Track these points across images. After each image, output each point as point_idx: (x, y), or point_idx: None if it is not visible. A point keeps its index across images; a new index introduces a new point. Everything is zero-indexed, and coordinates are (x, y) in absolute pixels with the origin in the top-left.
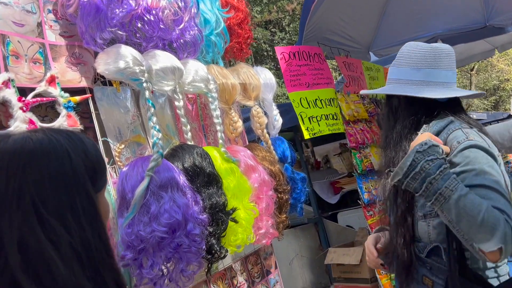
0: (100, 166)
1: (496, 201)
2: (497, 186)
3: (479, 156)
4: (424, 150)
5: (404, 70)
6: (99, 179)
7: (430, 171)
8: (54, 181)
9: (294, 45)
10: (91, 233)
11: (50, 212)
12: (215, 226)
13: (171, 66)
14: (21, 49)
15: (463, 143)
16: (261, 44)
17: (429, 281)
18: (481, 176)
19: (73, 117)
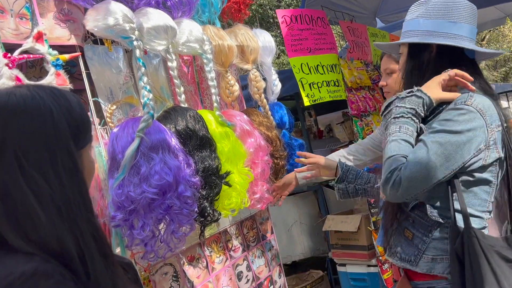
0: (83, 123)
1: (413, 157)
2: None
3: (459, 121)
4: (402, 97)
5: (438, 22)
6: (83, 136)
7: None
8: (36, 136)
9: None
10: (71, 188)
11: (32, 165)
12: (208, 189)
13: (163, 25)
14: (6, 3)
15: (459, 105)
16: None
17: (410, 233)
18: (436, 134)
19: (62, 76)
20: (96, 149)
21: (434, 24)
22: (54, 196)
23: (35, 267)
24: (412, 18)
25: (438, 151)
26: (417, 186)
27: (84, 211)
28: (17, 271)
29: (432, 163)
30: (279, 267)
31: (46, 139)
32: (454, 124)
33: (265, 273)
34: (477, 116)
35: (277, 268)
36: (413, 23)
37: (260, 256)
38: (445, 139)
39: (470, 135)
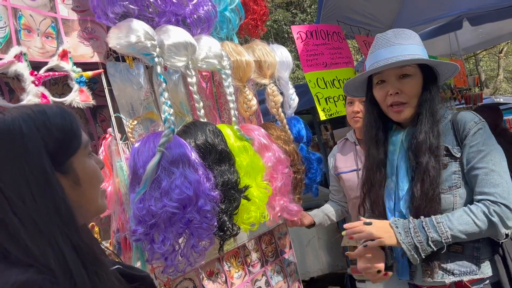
0: (65, 133)
1: (491, 186)
2: (498, 167)
3: (490, 137)
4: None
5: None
6: (66, 146)
7: (421, 238)
8: (6, 157)
9: (312, 24)
10: (44, 203)
11: (7, 185)
12: (227, 203)
13: (183, 42)
14: (33, 23)
15: (479, 123)
16: (282, 25)
17: (458, 247)
18: (488, 158)
19: (85, 92)
20: (117, 164)
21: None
22: (29, 212)
23: (27, 278)
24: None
25: (504, 168)
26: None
27: (62, 226)
28: (11, 281)
29: (508, 178)
30: (298, 283)
31: (16, 159)
32: (488, 140)
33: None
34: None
35: (296, 284)
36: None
37: (279, 271)
38: (497, 156)
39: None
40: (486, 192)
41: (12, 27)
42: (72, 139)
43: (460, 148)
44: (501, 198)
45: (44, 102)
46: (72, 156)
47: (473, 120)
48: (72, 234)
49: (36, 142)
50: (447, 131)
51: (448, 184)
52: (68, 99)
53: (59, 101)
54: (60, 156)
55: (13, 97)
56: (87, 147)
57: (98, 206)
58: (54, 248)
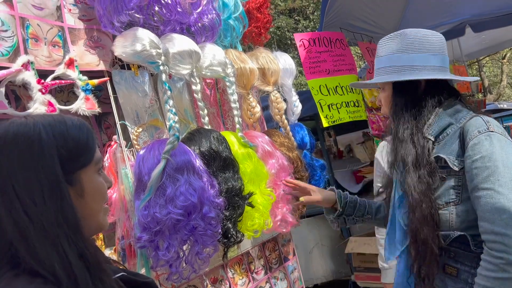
0: (79, 145)
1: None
2: (504, 189)
3: (498, 150)
4: None
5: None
6: (77, 158)
7: None
8: (22, 160)
9: (315, 32)
10: (54, 209)
11: (21, 186)
12: (231, 210)
13: (188, 50)
14: (41, 32)
15: (484, 133)
16: (284, 32)
17: (453, 269)
18: (493, 177)
19: (91, 100)
20: (122, 171)
21: (413, 58)
22: (39, 214)
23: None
24: (387, 53)
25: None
26: None
27: (68, 231)
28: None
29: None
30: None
31: (32, 161)
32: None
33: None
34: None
35: None
36: (389, 58)
37: (282, 278)
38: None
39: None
40: (488, 219)
41: (20, 37)
42: (85, 153)
43: (463, 162)
44: (505, 228)
45: (51, 110)
46: (81, 169)
47: (477, 129)
48: (77, 240)
49: (52, 149)
50: (454, 139)
51: (445, 200)
52: (74, 107)
53: (65, 108)
54: (70, 167)
55: (20, 105)
56: (98, 163)
57: (99, 223)
58: (59, 251)
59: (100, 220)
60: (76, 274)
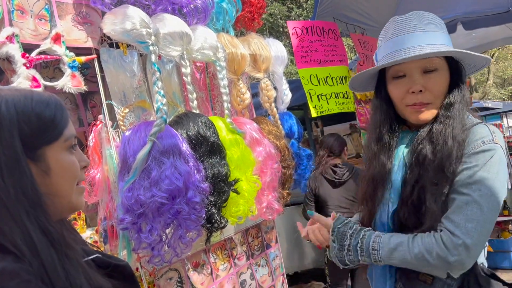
0: (43, 121)
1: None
2: (483, 200)
3: (495, 164)
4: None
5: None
6: (41, 135)
7: (353, 258)
8: None
9: (308, 20)
10: (12, 184)
11: None
12: (216, 196)
13: (179, 31)
14: (27, 4)
15: (488, 144)
16: (277, 19)
17: (428, 277)
18: (475, 185)
19: (78, 77)
20: (107, 151)
21: (447, 38)
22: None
23: (3, 266)
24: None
25: (490, 204)
26: (482, 246)
27: (28, 207)
28: None
29: (488, 219)
30: (283, 277)
31: None
32: (491, 167)
33: (268, 283)
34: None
35: (280, 278)
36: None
37: (264, 265)
38: (491, 189)
39: (505, 176)
40: (454, 221)
41: (5, 8)
42: (50, 129)
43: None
44: (467, 236)
45: (35, 86)
46: (46, 145)
47: (482, 139)
48: (39, 216)
49: (12, 123)
50: None
51: None
52: (60, 84)
53: (50, 85)
54: (33, 143)
55: (2, 79)
56: (68, 140)
57: (71, 202)
58: (21, 227)
59: (72, 200)
60: (38, 249)
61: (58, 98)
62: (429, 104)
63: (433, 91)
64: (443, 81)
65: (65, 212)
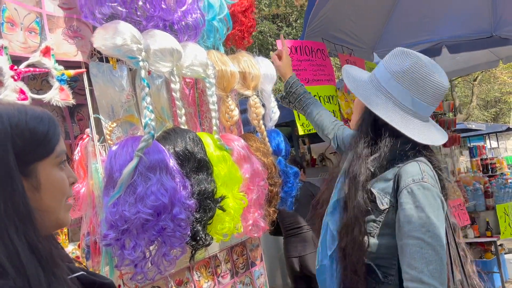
0: (37, 136)
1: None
2: (433, 241)
3: (428, 203)
4: None
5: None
6: (33, 150)
7: None
8: None
9: (297, 40)
10: (3, 200)
11: None
12: (202, 213)
13: (169, 48)
14: (17, 17)
15: (417, 183)
16: (267, 37)
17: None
18: (424, 228)
19: (66, 91)
20: (93, 166)
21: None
22: None
23: None
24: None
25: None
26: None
27: (18, 222)
28: None
29: (442, 255)
30: None
31: None
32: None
33: None
34: (434, 190)
35: None
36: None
37: (248, 283)
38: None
39: (440, 212)
40: (416, 267)
41: None
42: (43, 144)
43: (391, 202)
44: (432, 279)
45: (22, 98)
46: (37, 161)
47: (412, 177)
48: (28, 232)
49: (6, 138)
50: (389, 178)
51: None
52: (48, 97)
53: (38, 97)
54: (26, 158)
55: None
56: (59, 156)
57: (59, 219)
58: (7, 243)
59: (60, 216)
60: (25, 267)
61: (50, 114)
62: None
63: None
64: (356, 110)
65: (52, 228)
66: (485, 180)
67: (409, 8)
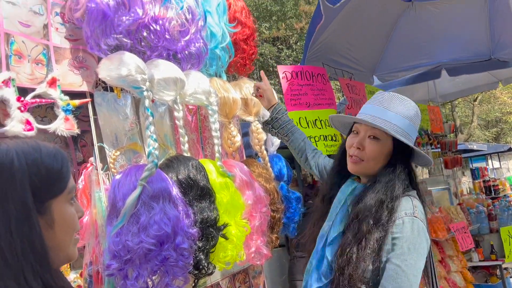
0: (52, 174)
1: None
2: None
3: (415, 236)
4: None
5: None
6: (49, 188)
7: None
8: None
9: (298, 65)
10: (19, 238)
11: None
12: (204, 241)
13: (173, 77)
14: (25, 49)
15: (409, 216)
16: (267, 59)
17: None
18: (403, 256)
19: (71, 121)
20: (96, 194)
21: (411, 128)
22: (4, 246)
23: None
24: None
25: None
26: None
27: (35, 263)
28: None
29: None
30: None
31: (0, 190)
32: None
33: None
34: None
35: None
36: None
37: None
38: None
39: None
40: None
41: (3, 53)
42: (58, 181)
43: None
44: None
45: (28, 129)
46: (53, 198)
47: (405, 210)
48: (44, 272)
49: (24, 177)
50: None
51: None
52: (53, 127)
53: (43, 128)
54: (42, 196)
55: None
56: (71, 192)
57: (68, 254)
58: (22, 285)
59: (70, 252)
60: None
61: (62, 150)
62: (362, 161)
63: (367, 153)
64: (378, 150)
65: (61, 263)
66: (488, 202)
67: (407, 32)
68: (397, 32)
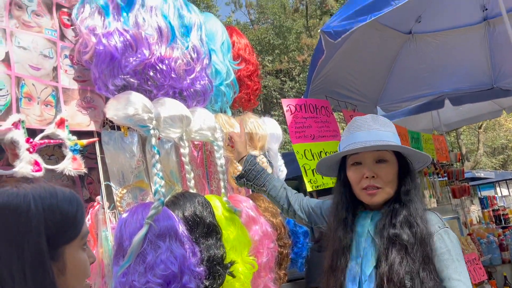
0: (67, 219)
1: None
2: (466, 280)
3: (456, 245)
4: None
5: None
6: (63, 233)
7: None
8: (7, 232)
9: (301, 98)
10: (34, 285)
11: (1, 259)
12: (211, 280)
13: (179, 114)
14: (35, 91)
15: (443, 229)
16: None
17: None
18: (459, 269)
19: (78, 160)
20: (102, 233)
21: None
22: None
23: None
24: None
25: (468, 277)
26: None
27: None
28: None
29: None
30: None
31: (17, 235)
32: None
33: None
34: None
35: None
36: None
37: None
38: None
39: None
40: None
41: (14, 96)
42: (72, 227)
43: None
44: None
45: (37, 170)
46: (65, 244)
47: (437, 224)
48: None
49: (40, 222)
50: None
51: None
52: (61, 167)
53: (51, 168)
54: (56, 241)
55: (3, 157)
56: (84, 238)
57: None
58: None
59: None
60: None
61: (77, 194)
62: (380, 188)
63: (383, 178)
64: (392, 170)
65: None
66: (499, 232)
67: (409, 63)
68: (399, 64)
